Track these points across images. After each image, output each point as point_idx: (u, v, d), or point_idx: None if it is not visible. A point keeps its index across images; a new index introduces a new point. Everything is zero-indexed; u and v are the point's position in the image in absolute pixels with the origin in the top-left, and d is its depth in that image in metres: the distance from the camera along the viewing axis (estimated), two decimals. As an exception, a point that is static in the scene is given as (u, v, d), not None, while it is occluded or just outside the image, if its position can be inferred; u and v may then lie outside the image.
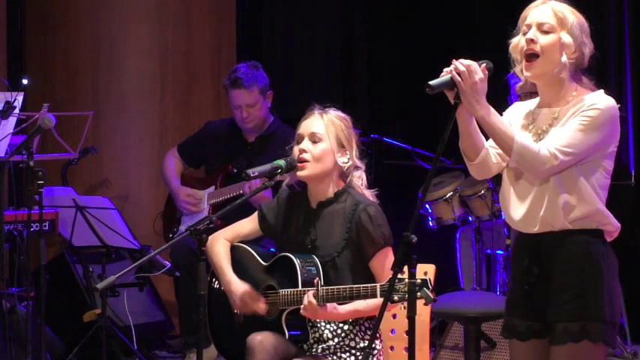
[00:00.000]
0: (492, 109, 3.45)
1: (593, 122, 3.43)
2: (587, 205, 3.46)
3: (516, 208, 3.55)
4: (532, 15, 3.50)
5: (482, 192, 6.41)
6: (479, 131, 3.56)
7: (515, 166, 3.50)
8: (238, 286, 4.31)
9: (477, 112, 3.42)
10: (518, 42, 3.52)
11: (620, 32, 6.79)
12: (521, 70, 3.52)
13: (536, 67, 3.48)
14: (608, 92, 3.53)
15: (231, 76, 6.16)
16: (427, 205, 6.61)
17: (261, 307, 4.27)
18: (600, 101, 3.45)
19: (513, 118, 3.63)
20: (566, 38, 3.46)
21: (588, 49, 3.51)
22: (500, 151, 3.57)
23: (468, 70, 3.39)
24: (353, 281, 4.14)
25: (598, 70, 3.58)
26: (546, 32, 3.47)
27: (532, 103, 3.62)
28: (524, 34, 3.50)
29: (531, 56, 3.48)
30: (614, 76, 6.70)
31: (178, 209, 6.35)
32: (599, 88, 3.53)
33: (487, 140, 3.60)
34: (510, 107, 3.69)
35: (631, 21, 6.81)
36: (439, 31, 7.63)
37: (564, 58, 3.46)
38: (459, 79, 3.38)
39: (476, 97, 3.40)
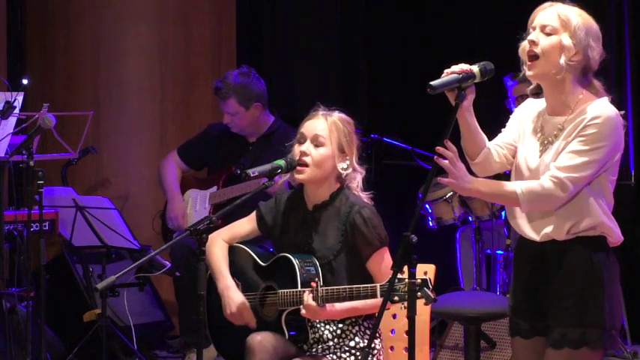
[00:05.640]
0: (479, 178, 3.51)
1: (596, 138, 3.42)
2: (592, 218, 3.48)
3: (522, 220, 3.56)
4: (538, 17, 3.51)
5: (483, 192, 6.39)
6: (480, 131, 3.57)
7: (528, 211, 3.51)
8: (236, 296, 4.30)
9: (471, 189, 3.46)
10: (525, 45, 3.53)
11: (620, 32, 6.79)
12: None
13: (536, 66, 3.49)
14: (612, 97, 3.53)
15: (216, 81, 6.24)
16: (427, 205, 6.61)
17: (252, 323, 4.28)
18: (601, 113, 3.43)
19: (523, 119, 3.63)
20: (567, 41, 3.45)
21: (596, 52, 3.49)
22: (505, 151, 3.59)
23: (456, 175, 3.42)
24: (349, 283, 4.14)
25: (598, 71, 3.58)
26: (548, 34, 3.47)
27: (541, 106, 3.61)
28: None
29: (532, 57, 3.49)
30: (614, 77, 6.69)
31: (167, 221, 6.35)
32: (608, 93, 3.53)
33: (489, 140, 3.61)
34: (523, 104, 3.68)
35: (631, 21, 6.80)
36: (439, 32, 7.63)
37: (562, 60, 3.45)
38: (453, 182, 3.42)
39: (467, 186, 3.44)
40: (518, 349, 3.67)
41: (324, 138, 4.26)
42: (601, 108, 3.46)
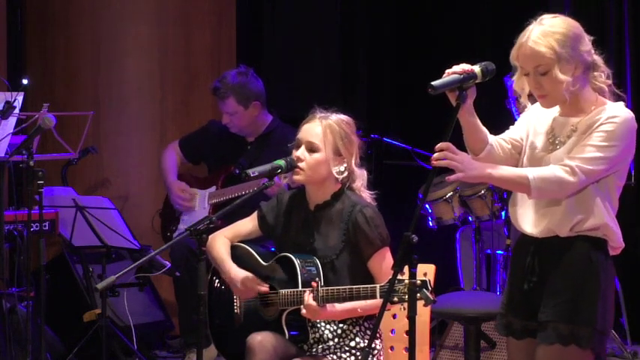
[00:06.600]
0: (487, 163, 3.49)
1: (611, 136, 3.43)
2: (596, 218, 3.48)
3: (524, 210, 3.56)
4: (523, 58, 3.47)
5: (482, 192, 6.40)
6: (481, 129, 3.57)
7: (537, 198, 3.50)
8: (238, 273, 4.32)
9: (482, 175, 3.45)
10: (519, 79, 3.51)
11: (620, 32, 6.78)
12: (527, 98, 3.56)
13: (549, 102, 3.51)
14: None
15: (214, 81, 6.25)
16: (427, 205, 6.60)
17: (262, 289, 4.27)
18: (619, 114, 3.46)
19: (533, 120, 3.63)
20: (562, 74, 3.43)
21: (586, 49, 3.48)
22: (509, 146, 3.59)
23: (460, 162, 3.40)
24: (351, 282, 4.14)
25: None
26: (544, 73, 3.45)
27: (554, 108, 3.61)
28: (525, 74, 3.48)
29: (542, 96, 3.51)
30: (613, 76, 6.68)
31: (174, 205, 6.38)
32: (619, 95, 3.53)
33: (491, 135, 3.61)
34: (532, 107, 3.66)
35: (631, 21, 6.80)
36: (439, 32, 7.63)
37: (570, 88, 3.44)
38: (461, 175, 3.40)
39: (475, 173, 3.43)
40: (512, 349, 3.69)
41: (318, 143, 4.25)
42: (619, 110, 3.48)
